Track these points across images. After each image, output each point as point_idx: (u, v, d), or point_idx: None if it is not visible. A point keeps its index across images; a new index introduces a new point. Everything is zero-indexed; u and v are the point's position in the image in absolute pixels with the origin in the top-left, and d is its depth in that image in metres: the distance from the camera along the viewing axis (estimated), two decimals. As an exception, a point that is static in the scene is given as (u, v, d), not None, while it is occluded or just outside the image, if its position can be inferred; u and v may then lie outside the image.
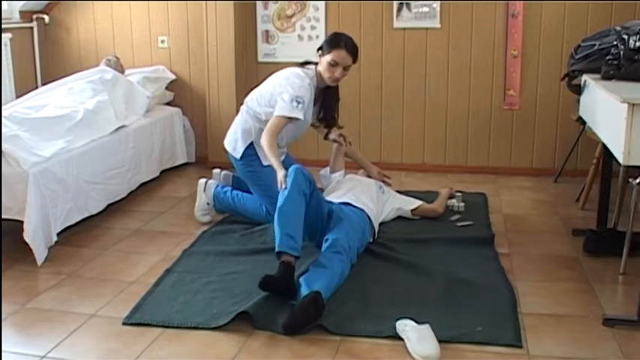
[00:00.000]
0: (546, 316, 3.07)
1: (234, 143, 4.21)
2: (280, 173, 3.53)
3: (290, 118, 3.82)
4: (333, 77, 3.93)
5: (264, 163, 4.07)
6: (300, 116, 3.82)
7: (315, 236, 3.67)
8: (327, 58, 3.89)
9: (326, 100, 4.15)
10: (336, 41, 3.91)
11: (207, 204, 4.40)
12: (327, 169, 4.52)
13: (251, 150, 4.12)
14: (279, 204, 3.40)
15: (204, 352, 2.79)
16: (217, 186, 4.41)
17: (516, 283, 3.41)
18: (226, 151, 4.29)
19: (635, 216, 3.62)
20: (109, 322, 3.05)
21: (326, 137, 4.47)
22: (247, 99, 4.21)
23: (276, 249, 3.27)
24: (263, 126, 3.99)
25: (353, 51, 3.93)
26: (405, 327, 2.84)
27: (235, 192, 4.37)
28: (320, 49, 3.97)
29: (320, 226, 3.66)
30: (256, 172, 4.15)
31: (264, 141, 3.81)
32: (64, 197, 4.02)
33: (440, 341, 2.76)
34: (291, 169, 3.47)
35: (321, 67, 3.96)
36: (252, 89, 4.26)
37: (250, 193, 4.30)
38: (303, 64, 4.08)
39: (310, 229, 3.57)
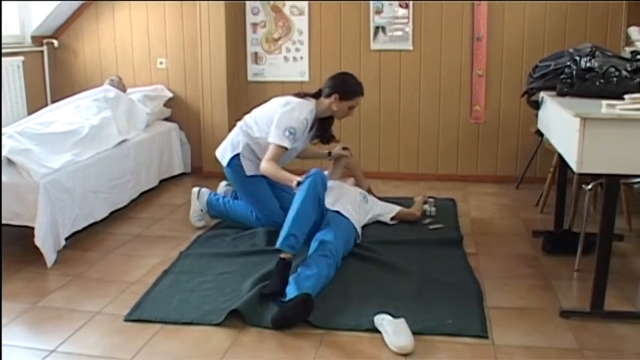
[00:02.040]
0: (509, 310, 3.09)
1: (223, 152, 4.22)
2: (293, 183, 3.52)
3: (280, 146, 3.81)
4: (348, 116, 4.09)
5: (248, 173, 4.10)
6: (288, 146, 3.81)
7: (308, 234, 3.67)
8: (348, 104, 3.96)
9: (323, 125, 4.13)
10: (356, 90, 3.99)
11: (201, 210, 4.38)
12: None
13: (236, 160, 4.11)
14: (295, 203, 3.37)
15: (199, 346, 2.78)
16: (210, 194, 4.40)
17: (482, 280, 3.43)
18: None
19: (587, 218, 3.65)
20: (112, 319, 3.04)
21: (330, 155, 4.47)
22: (247, 117, 4.18)
23: (278, 245, 3.26)
24: (251, 142, 4.05)
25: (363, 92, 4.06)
26: (383, 321, 2.85)
27: (227, 199, 4.36)
28: (335, 93, 3.93)
29: (316, 226, 3.64)
30: (242, 181, 4.15)
31: (266, 170, 3.79)
32: (71, 205, 4.00)
33: (414, 333, 2.77)
34: (313, 172, 3.47)
35: (336, 108, 3.97)
36: (252, 108, 4.24)
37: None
38: (301, 96, 4.03)
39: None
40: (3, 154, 3.83)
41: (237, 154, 4.10)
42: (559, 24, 5.27)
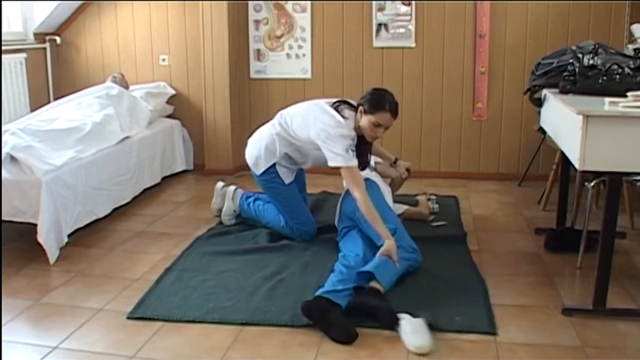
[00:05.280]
0: (511, 307, 3.08)
1: (255, 159, 3.97)
2: (389, 242, 3.30)
3: (353, 167, 3.53)
4: (374, 136, 3.65)
5: (287, 182, 3.96)
6: (356, 163, 3.54)
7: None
8: (371, 118, 3.54)
9: (361, 145, 3.69)
10: (381, 104, 3.54)
11: (234, 211, 4.32)
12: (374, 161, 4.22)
13: (273, 169, 3.92)
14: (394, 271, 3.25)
15: (201, 342, 2.78)
16: (242, 197, 4.31)
17: (485, 277, 3.42)
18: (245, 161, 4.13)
19: (590, 216, 3.65)
20: (115, 316, 3.04)
21: (395, 162, 4.26)
22: (282, 122, 3.87)
23: (383, 281, 3.14)
24: (290, 151, 3.87)
25: (395, 112, 3.59)
26: (402, 320, 2.82)
27: (257, 203, 4.23)
28: (362, 105, 3.59)
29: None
30: (276, 189, 3.97)
31: (366, 207, 3.43)
32: (73, 202, 4.00)
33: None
34: (415, 254, 3.45)
35: (362, 123, 3.59)
36: (288, 107, 3.98)
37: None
38: (337, 106, 3.68)
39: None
40: (6, 150, 3.83)
41: (274, 164, 3.92)
42: (562, 21, 5.26)
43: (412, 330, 2.75)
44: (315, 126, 3.62)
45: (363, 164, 3.79)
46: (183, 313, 3.03)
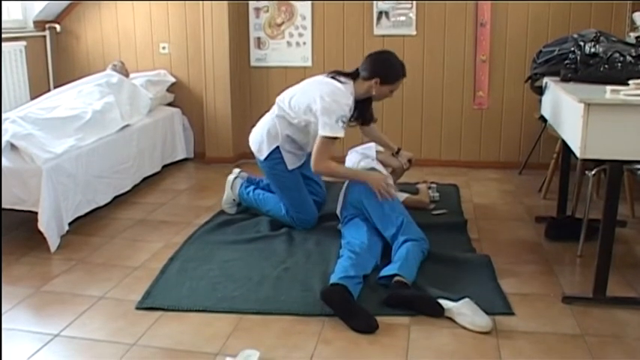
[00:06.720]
0: (512, 295, 3.08)
1: (258, 144, 3.97)
2: (372, 179, 3.38)
3: (334, 138, 3.57)
4: (387, 98, 3.84)
5: (290, 167, 3.93)
6: (342, 134, 3.57)
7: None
8: (389, 87, 3.70)
9: (361, 106, 3.82)
10: (400, 73, 3.70)
11: (233, 200, 4.32)
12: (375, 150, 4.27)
13: (276, 154, 3.89)
14: (411, 259, 3.23)
15: (201, 330, 2.79)
16: (242, 186, 4.30)
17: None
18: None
19: (590, 204, 3.65)
20: (116, 304, 3.05)
21: (397, 152, 4.29)
22: (279, 102, 3.89)
23: (408, 277, 3.09)
24: (291, 131, 3.85)
25: (405, 73, 3.78)
26: (452, 307, 2.82)
27: (257, 192, 4.22)
28: (376, 77, 3.63)
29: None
30: (279, 175, 3.95)
31: (323, 170, 3.63)
32: (74, 190, 4.00)
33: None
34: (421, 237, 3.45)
35: (377, 91, 3.68)
36: (285, 90, 3.95)
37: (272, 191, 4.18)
38: (335, 77, 3.72)
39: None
40: (6, 139, 3.83)
41: (277, 147, 3.89)
42: (563, 9, 5.24)
43: (472, 311, 2.78)
44: (316, 93, 3.64)
45: (368, 120, 4.01)
46: (193, 303, 3.02)
